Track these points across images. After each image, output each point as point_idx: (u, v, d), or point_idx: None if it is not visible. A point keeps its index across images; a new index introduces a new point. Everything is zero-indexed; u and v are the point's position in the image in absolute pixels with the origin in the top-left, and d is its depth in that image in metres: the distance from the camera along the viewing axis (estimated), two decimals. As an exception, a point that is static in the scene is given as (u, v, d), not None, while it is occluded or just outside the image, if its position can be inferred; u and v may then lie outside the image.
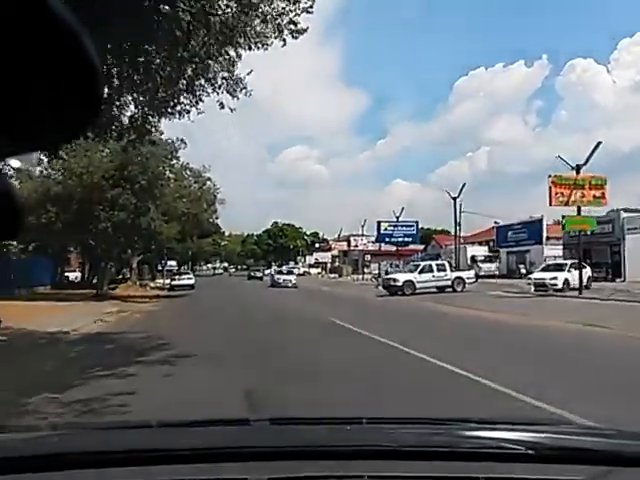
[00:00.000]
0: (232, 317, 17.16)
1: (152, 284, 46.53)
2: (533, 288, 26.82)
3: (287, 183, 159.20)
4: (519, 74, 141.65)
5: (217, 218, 35.16)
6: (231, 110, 10.11)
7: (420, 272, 30.49)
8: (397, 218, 49.77)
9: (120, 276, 46.62)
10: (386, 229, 49.60)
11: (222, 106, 9.88)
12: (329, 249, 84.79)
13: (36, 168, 27.23)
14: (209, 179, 31.84)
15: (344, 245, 73.99)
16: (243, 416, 2.54)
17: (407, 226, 49.76)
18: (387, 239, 50.37)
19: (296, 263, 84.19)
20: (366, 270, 56.81)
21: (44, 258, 36.49)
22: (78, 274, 47.23)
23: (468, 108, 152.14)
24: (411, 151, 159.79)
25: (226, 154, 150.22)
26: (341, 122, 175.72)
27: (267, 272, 76.38)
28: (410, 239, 49.94)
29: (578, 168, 25.71)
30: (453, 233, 41.78)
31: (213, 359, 8.61)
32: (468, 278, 31.48)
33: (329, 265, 79.05)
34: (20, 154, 0.53)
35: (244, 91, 9.97)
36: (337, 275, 69.57)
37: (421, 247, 60.82)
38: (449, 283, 30.43)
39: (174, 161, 29.21)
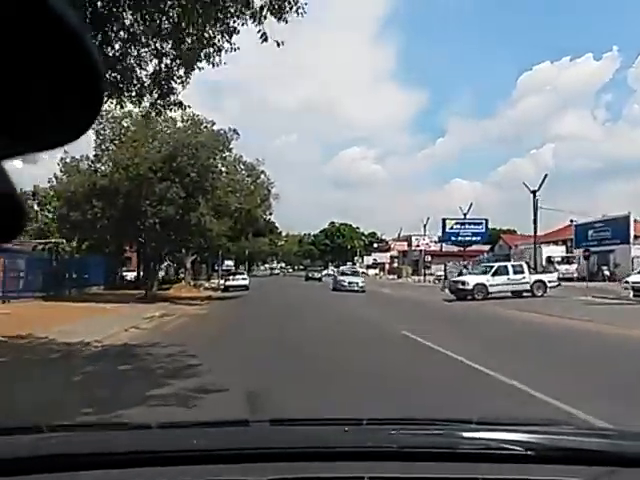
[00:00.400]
0: (285, 328, 14.69)
1: (207, 284, 45.19)
2: (632, 293, 23.20)
3: (344, 183, 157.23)
4: (587, 68, 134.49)
5: (271, 214, 32.84)
6: (278, 44, 7.62)
7: (494, 274, 27.25)
8: (464, 215, 46.22)
9: (176, 276, 45.62)
10: (452, 227, 46.09)
11: (265, 38, 7.37)
12: (388, 249, 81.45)
13: (85, 162, 25.97)
14: (263, 172, 29.74)
15: (404, 245, 70.68)
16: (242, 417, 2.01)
17: (475, 224, 46.08)
18: (453, 238, 46.86)
19: (353, 264, 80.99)
20: (427, 271, 53.68)
21: (99, 257, 35.75)
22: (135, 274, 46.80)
23: (532, 104, 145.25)
24: (471, 149, 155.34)
25: (283, 155, 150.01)
26: (398, 121, 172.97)
27: (324, 272, 72.98)
28: (479, 238, 46.28)
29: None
30: (520, 232, 38.06)
31: (251, 400, 5.98)
32: (550, 281, 28.00)
33: (387, 266, 76.18)
34: (21, 155, 0.52)
35: (295, 8, 7.33)
36: (396, 276, 66.56)
37: (486, 247, 56.86)
38: (527, 287, 27.10)
39: (226, 153, 27.25)
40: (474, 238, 46.12)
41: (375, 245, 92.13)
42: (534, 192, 35.05)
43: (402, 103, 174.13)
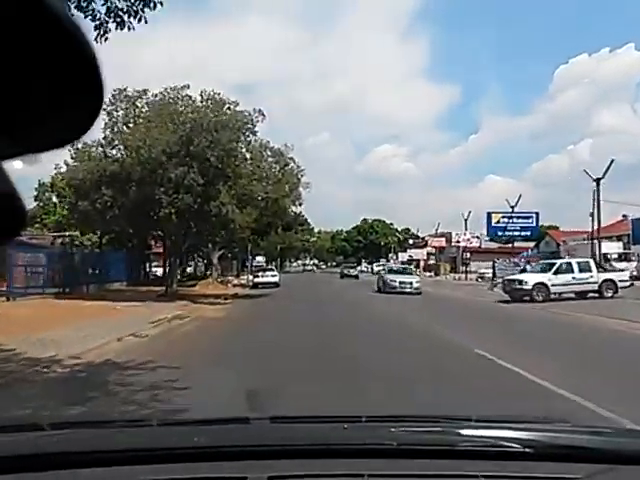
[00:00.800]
0: (319, 336, 11.75)
1: (236, 281, 42.76)
2: None
3: (376, 181, 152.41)
4: (627, 59, 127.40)
5: (301, 204, 29.43)
6: None
7: (556, 272, 23.81)
8: (512, 208, 42.24)
9: (205, 272, 43.45)
10: (498, 221, 42.45)
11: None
12: (424, 245, 77.43)
13: (98, 148, 23.53)
14: (292, 159, 26.72)
15: (442, 241, 66.81)
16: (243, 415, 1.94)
17: (524, 217, 42.41)
18: (500, 233, 43.25)
19: (387, 260, 78.59)
20: (466, 269, 50.28)
21: (121, 252, 33.83)
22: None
23: (569, 98, 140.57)
24: (505, 146, 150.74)
25: (315, 154, 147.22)
26: (430, 118, 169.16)
27: (358, 269, 72.11)
28: (528, 233, 42.58)
29: None
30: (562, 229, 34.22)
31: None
32: (620, 281, 24.36)
33: (422, 263, 71.28)
34: (21, 155, 0.53)
35: None
36: (433, 274, 62.70)
37: (531, 244, 52.89)
38: (595, 287, 23.60)
39: (251, 137, 24.44)
40: (523, 233, 42.64)
41: (410, 241, 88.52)
42: (598, 180, 31.40)
43: (434, 99, 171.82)
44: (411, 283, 30.17)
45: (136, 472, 1.31)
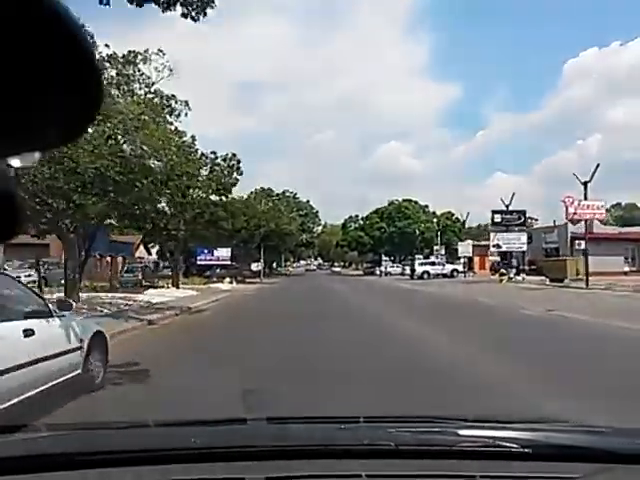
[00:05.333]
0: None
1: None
2: None
3: (382, 178, 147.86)
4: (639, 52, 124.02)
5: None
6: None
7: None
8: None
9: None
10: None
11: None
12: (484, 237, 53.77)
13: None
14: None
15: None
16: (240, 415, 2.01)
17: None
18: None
19: (427, 256, 58.43)
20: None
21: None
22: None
23: (578, 93, 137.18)
24: (513, 142, 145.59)
25: (320, 152, 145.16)
26: (436, 116, 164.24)
27: (382, 269, 60.06)
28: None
29: None
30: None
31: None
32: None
33: (484, 260, 50.36)
34: (20, 154, 0.53)
35: None
36: (547, 278, 35.42)
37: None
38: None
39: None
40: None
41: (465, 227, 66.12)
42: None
43: (439, 96, 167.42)
44: None
45: (133, 473, 1.31)
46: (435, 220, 68.23)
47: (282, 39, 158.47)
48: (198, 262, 40.61)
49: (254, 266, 53.13)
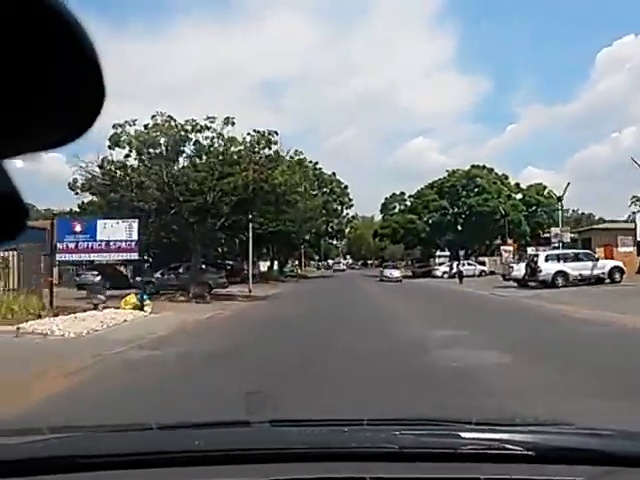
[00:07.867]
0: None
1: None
2: None
3: (409, 176, 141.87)
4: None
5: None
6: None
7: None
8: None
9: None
10: None
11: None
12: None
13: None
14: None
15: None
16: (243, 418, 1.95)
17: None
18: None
19: (547, 245, 34.79)
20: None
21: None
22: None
23: (612, 84, 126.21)
24: (544, 136, 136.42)
25: (346, 148, 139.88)
26: (463, 110, 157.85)
27: (456, 268, 38.30)
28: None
29: None
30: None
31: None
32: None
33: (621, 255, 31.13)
34: (21, 154, 0.53)
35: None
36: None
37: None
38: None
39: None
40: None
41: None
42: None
43: (467, 91, 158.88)
44: None
45: (136, 476, 1.31)
46: (520, 196, 49.75)
47: (303, 37, 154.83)
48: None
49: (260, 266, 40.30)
